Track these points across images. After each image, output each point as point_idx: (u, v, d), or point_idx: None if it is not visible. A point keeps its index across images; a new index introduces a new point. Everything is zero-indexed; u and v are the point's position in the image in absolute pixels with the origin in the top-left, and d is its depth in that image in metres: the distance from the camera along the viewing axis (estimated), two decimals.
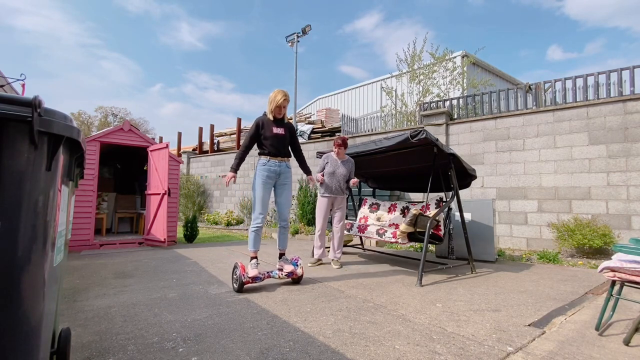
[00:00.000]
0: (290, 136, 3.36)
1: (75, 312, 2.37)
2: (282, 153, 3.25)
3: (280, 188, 3.29)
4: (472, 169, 4.17)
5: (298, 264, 3.21)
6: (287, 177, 3.30)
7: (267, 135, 3.20)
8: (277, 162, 3.22)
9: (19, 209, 0.94)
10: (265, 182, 3.17)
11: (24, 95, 2.57)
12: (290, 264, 3.19)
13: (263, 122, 3.24)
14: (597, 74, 5.74)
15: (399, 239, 3.72)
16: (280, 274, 3.15)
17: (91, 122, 32.74)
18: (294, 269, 3.16)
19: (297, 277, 3.21)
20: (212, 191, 11.75)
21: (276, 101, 3.20)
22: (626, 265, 1.95)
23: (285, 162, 3.29)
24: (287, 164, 3.31)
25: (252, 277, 2.95)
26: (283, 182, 3.28)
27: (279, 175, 3.25)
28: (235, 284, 2.96)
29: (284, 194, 3.30)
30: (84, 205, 5.41)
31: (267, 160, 3.20)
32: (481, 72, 11.08)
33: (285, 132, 3.29)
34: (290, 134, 3.36)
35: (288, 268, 3.16)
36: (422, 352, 1.79)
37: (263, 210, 3.16)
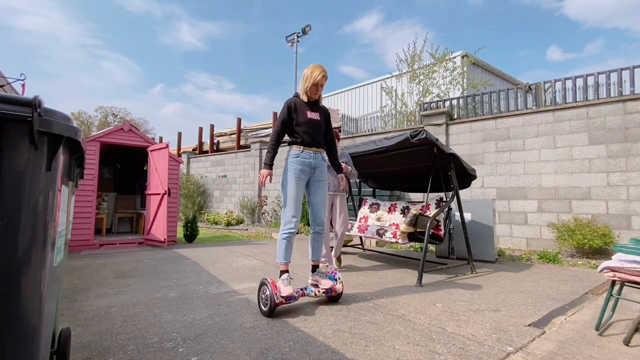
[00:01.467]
0: (325, 123, 2.78)
1: (75, 312, 2.37)
2: (317, 142, 2.69)
3: (315, 185, 2.70)
4: (472, 169, 4.17)
5: (337, 278, 2.63)
6: (323, 172, 2.72)
7: (300, 121, 2.64)
8: (312, 153, 2.65)
9: (19, 209, 0.94)
10: (299, 177, 2.60)
11: (24, 95, 2.58)
12: (327, 278, 2.63)
13: (295, 105, 2.67)
14: (597, 74, 5.74)
15: (399, 239, 3.72)
16: (317, 291, 2.55)
17: (91, 122, 32.74)
18: (332, 285, 2.58)
19: (337, 294, 2.64)
20: (212, 191, 11.75)
21: (313, 78, 2.60)
22: (626, 265, 1.95)
23: (321, 154, 2.73)
24: (324, 156, 2.77)
25: (286, 296, 2.36)
26: (318, 177, 2.70)
27: (314, 169, 2.67)
28: (264, 305, 2.35)
29: (319, 193, 2.71)
30: (84, 205, 5.41)
31: (301, 150, 2.62)
32: (481, 72, 11.08)
33: (321, 117, 2.72)
34: (325, 121, 2.77)
35: (326, 284, 2.58)
36: (422, 352, 1.79)
37: (297, 213, 2.56)
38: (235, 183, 10.95)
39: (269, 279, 2.40)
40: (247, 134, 12.12)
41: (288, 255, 2.58)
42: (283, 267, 2.56)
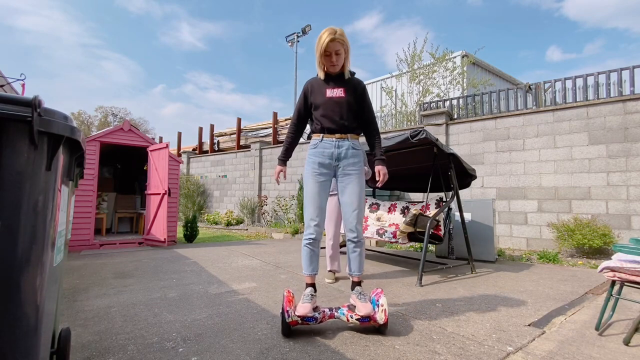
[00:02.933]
0: (358, 99, 2.18)
1: (75, 312, 2.37)
2: (341, 126, 2.14)
3: (343, 181, 2.16)
4: (472, 169, 4.17)
5: (379, 304, 1.98)
6: (353, 163, 2.15)
7: (317, 102, 2.16)
8: (335, 140, 2.14)
9: (19, 208, 0.94)
10: (318, 172, 2.14)
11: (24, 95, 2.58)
12: (367, 302, 1.99)
13: (312, 86, 2.22)
14: (597, 74, 5.74)
15: (399, 239, 3.72)
16: (349, 315, 1.99)
17: (91, 122, 32.76)
18: (372, 313, 1.95)
19: (378, 325, 1.99)
20: (212, 191, 11.75)
21: (320, 46, 2.07)
22: (626, 265, 1.95)
23: (349, 141, 2.16)
24: (353, 144, 2.18)
25: (301, 315, 1.93)
26: (347, 171, 2.15)
27: (339, 160, 2.14)
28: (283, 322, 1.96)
29: (346, 190, 2.15)
30: (84, 205, 5.41)
31: (320, 139, 2.16)
32: (481, 72, 11.08)
33: (347, 93, 2.14)
34: (358, 97, 2.18)
35: (363, 309, 1.93)
36: (422, 352, 1.79)
37: (316, 216, 2.12)
38: (235, 183, 10.95)
39: (286, 292, 2.02)
40: (247, 133, 12.11)
41: (311, 266, 2.14)
42: (306, 279, 2.16)
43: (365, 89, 2.24)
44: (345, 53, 2.13)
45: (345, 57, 2.14)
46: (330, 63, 2.11)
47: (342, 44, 2.08)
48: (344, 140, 2.16)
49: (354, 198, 2.13)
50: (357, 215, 2.12)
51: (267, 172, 10.03)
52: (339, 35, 2.05)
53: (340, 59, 2.11)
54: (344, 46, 2.10)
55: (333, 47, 2.06)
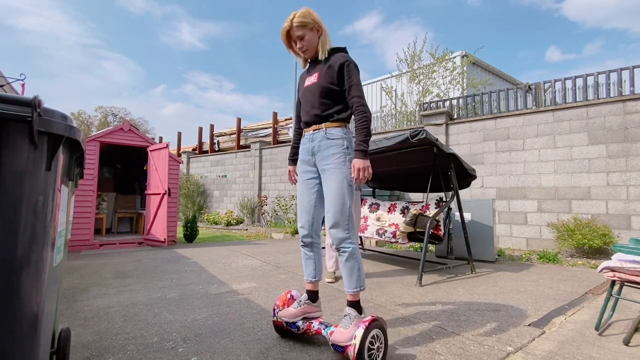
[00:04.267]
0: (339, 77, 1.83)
1: (75, 312, 2.37)
2: (313, 117, 1.90)
3: (322, 177, 1.89)
4: (472, 169, 4.17)
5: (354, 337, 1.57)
6: (327, 156, 1.84)
7: (299, 96, 2.04)
8: (310, 134, 1.92)
9: (19, 209, 0.94)
10: (302, 171, 1.99)
11: (23, 95, 2.58)
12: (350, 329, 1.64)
13: (300, 80, 2.09)
14: (597, 74, 5.74)
15: (399, 239, 3.72)
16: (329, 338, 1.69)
17: (91, 122, 32.75)
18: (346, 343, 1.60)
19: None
20: (212, 191, 11.75)
21: (281, 34, 1.93)
22: (626, 265, 1.95)
23: (325, 131, 1.86)
24: (328, 133, 1.85)
25: (285, 320, 1.87)
26: (322, 166, 1.87)
27: (314, 155, 1.90)
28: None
29: (324, 189, 1.87)
30: (84, 205, 5.41)
31: (303, 136, 2.00)
32: (481, 72, 11.08)
33: (320, 77, 1.87)
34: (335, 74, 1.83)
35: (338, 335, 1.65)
36: (422, 352, 1.79)
37: (301, 217, 1.96)
38: (235, 183, 10.95)
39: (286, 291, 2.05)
40: (247, 133, 12.12)
41: (307, 270, 1.98)
42: (305, 284, 1.99)
43: (346, 63, 1.82)
44: (313, 32, 1.88)
45: (313, 36, 1.88)
46: (299, 50, 1.92)
47: (302, 27, 1.85)
48: (318, 131, 1.88)
49: (328, 197, 1.82)
50: (332, 217, 1.78)
51: (267, 172, 10.03)
52: (296, 19, 1.84)
53: (307, 42, 1.88)
54: (307, 27, 1.86)
55: (294, 34, 1.88)
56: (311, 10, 1.89)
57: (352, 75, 1.82)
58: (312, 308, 1.92)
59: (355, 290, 1.76)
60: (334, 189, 1.80)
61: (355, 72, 1.83)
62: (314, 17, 1.87)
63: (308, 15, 1.86)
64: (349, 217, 1.80)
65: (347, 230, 1.78)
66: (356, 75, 1.83)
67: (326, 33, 1.91)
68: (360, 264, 1.80)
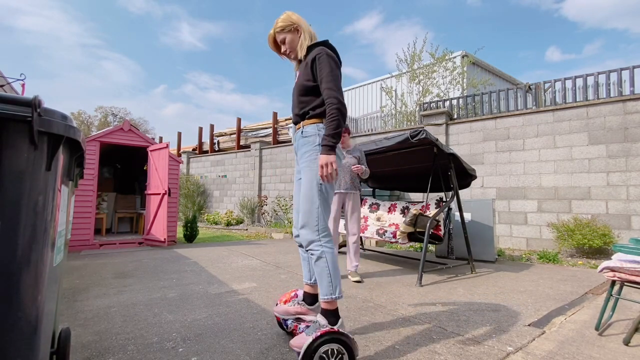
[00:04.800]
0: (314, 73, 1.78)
1: (75, 312, 2.37)
2: (295, 116, 1.90)
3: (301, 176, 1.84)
4: (472, 169, 4.17)
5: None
6: (301, 155, 1.82)
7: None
8: (294, 134, 1.93)
9: (19, 208, 0.94)
10: (295, 172, 2.00)
11: (24, 95, 2.58)
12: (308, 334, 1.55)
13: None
14: (597, 74, 5.74)
15: (399, 239, 3.72)
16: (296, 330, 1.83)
17: (91, 122, 32.74)
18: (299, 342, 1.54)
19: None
20: (212, 191, 11.75)
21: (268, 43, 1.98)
22: (626, 265, 1.95)
23: (301, 129, 1.83)
24: (304, 130, 1.82)
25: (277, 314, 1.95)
26: (299, 165, 1.87)
27: (296, 154, 1.92)
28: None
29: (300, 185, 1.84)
30: (84, 205, 5.41)
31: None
32: (481, 72, 11.08)
33: (300, 75, 1.86)
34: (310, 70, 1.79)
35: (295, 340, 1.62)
36: (422, 352, 1.79)
37: (294, 217, 1.90)
38: (235, 183, 10.95)
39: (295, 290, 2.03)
40: (247, 134, 12.11)
41: (304, 272, 1.96)
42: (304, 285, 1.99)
43: (317, 56, 1.75)
44: (294, 33, 1.88)
45: (294, 38, 1.88)
46: (285, 54, 1.96)
47: (282, 31, 1.88)
48: (298, 130, 1.87)
49: (304, 195, 1.75)
50: (301, 217, 1.74)
51: (267, 172, 10.03)
52: (277, 25, 1.88)
53: (289, 45, 1.89)
54: (287, 30, 1.87)
55: (278, 40, 1.92)
56: (290, 13, 1.90)
57: (322, 67, 1.73)
58: (305, 310, 1.88)
59: (326, 298, 1.64)
60: (304, 188, 1.76)
61: (326, 63, 1.73)
62: (292, 19, 1.88)
63: (287, 19, 1.88)
64: (318, 218, 1.70)
65: (317, 231, 1.69)
66: (327, 66, 1.73)
67: (306, 32, 1.88)
68: (333, 270, 1.66)
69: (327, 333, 1.48)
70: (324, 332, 1.48)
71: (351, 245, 3.50)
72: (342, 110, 1.66)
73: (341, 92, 1.72)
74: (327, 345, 1.45)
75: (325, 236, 1.70)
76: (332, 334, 1.48)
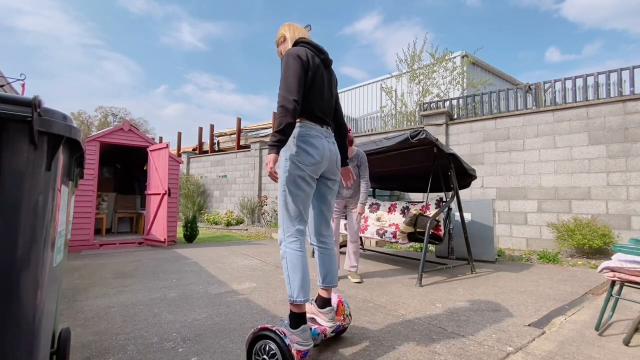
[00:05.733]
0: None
1: (75, 312, 2.37)
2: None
3: None
4: (472, 169, 4.17)
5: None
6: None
7: None
8: None
9: (19, 208, 0.94)
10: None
11: (24, 95, 2.58)
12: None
13: None
14: (597, 74, 5.74)
15: (399, 239, 3.72)
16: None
17: (91, 122, 32.74)
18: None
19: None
20: (212, 191, 11.75)
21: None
22: (626, 265, 1.95)
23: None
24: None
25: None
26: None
27: None
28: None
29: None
30: (84, 205, 5.41)
31: None
32: (481, 72, 11.08)
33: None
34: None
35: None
36: (422, 352, 1.79)
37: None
38: (235, 183, 10.95)
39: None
40: (247, 134, 12.11)
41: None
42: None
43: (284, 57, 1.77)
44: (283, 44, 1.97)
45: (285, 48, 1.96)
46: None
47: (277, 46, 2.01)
48: None
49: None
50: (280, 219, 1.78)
51: (267, 172, 10.02)
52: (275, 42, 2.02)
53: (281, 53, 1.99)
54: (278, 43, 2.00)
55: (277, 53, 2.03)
56: (282, 26, 1.99)
57: (281, 69, 1.74)
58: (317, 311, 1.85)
59: (288, 298, 1.65)
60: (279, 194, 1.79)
61: (284, 65, 1.73)
62: (281, 31, 1.97)
63: (279, 32, 1.98)
64: (283, 219, 1.73)
65: (283, 232, 1.73)
66: (284, 67, 1.72)
67: (289, 40, 1.93)
68: (291, 272, 1.65)
69: (262, 329, 1.53)
70: (261, 328, 1.54)
71: (350, 245, 3.50)
72: (286, 107, 1.62)
73: (290, 88, 1.65)
74: (262, 341, 1.52)
75: (290, 237, 1.71)
76: (267, 331, 1.51)
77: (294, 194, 1.71)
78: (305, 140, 1.72)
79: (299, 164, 1.69)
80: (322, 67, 1.84)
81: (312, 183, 1.76)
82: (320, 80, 1.80)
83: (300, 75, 1.69)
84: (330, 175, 1.87)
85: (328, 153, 1.79)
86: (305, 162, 1.69)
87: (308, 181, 1.72)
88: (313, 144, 1.72)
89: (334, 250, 1.95)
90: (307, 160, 1.69)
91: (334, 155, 1.85)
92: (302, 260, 1.67)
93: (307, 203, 1.77)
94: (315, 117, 1.78)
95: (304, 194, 1.73)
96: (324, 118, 1.83)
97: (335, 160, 1.86)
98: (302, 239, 1.74)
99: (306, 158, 1.69)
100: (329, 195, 1.90)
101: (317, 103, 1.79)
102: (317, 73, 1.78)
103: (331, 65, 1.95)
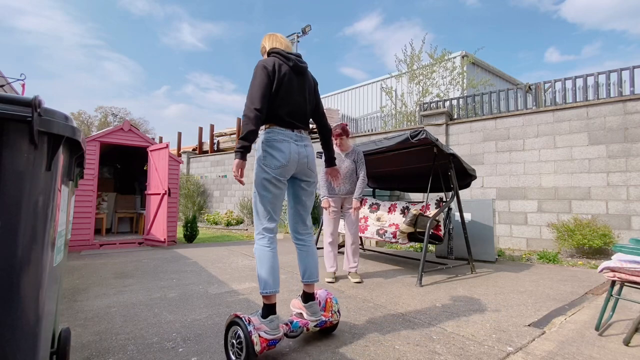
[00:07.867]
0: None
1: (75, 312, 2.37)
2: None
3: None
4: (472, 169, 4.17)
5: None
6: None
7: None
8: None
9: (19, 208, 0.94)
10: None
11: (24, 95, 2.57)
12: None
13: None
14: (597, 74, 5.74)
15: (399, 239, 3.72)
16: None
17: (91, 122, 32.72)
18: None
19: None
20: (212, 191, 11.75)
21: None
22: (626, 266, 1.95)
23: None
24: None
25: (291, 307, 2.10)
26: None
27: None
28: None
29: None
30: (84, 205, 5.41)
31: None
32: (481, 72, 11.08)
33: None
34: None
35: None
36: (422, 352, 1.78)
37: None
38: (235, 183, 10.94)
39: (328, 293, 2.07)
40: None
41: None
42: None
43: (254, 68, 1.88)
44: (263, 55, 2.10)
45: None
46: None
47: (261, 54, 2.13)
48: None
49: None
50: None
51: None
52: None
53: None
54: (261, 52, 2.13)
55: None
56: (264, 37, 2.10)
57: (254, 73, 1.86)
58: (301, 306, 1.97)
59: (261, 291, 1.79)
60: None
61: (253, 75, 1.84)
62: (262, 43, 2.10)
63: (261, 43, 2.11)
64: (254, 217, 1.88)
65: (255, 230, 1.88)
66: (252, 78, 1.83)
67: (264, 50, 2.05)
68: (259, 267, 1.81)
69: (236, 317, 1.67)
70: (234, 316, 1.68)
71: (349, 245, 3.48)
72: (248, 115, 1.73)
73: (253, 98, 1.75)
74: (234, 327, 1.67)
75: (259, 234, 1.85)
76: (237, 318, 1.65)
77: (261, 195, 1.83)
78: (271, 145, 1.82)
79: (265, 167, 1.80)
80: (290, 74, 1.90)
81: (280, 185, 1.84)
82: (288, 86, 1.87)
83: (265, 85, 1.78)
84: (302, 176, 1.96)
85: (296, 156, 1.86)
86: (270, 166, 1.80)
87: (274, 183, 1.82)
88: (279, 148, 1.81)
89: (312, 247, 2.04)
90: (272, 163, 1.80)
91: (304, 158, 1.91)
92: (269, 256, 1.79)
93: (276, 203, 1.85)
94: (284, 122, 1.86)
95: (271, 195, 1.82)
96: (294, 122, 1.89)
97: (306, 162, 1.93)
98: (271, 237, 1.84)
99: (271, 161, 1.80)
100: (304, 196, 1.99)
101: (286, 108, 1.86)
102: (284, 80, 1.86)
103: (304, 71, 1.99)
